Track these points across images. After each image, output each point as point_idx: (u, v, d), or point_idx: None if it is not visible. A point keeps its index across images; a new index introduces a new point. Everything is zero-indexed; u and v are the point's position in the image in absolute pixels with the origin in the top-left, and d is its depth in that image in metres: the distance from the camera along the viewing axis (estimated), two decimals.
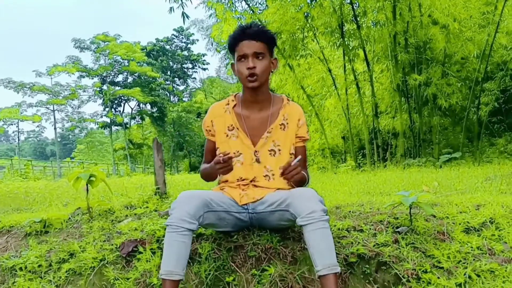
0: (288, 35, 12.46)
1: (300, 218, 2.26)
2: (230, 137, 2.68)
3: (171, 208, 2.38)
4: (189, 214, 2.31)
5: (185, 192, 2.46)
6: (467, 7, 10.74)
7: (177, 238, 2.29)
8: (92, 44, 40.78)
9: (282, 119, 2.68)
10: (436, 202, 3.23)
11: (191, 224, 2.31)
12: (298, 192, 2.40)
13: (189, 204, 2.35)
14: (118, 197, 4.13)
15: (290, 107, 2.72)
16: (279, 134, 2.67)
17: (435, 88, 11.19)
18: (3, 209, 5.28)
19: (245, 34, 2.57)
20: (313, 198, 2.31)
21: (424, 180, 5.64)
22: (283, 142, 2.67)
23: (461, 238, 2.68)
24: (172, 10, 11.72)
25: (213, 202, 2.47)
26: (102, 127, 43.97)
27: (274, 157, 2.66)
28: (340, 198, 3.67)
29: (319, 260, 2.20)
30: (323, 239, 2.22)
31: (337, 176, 8.45)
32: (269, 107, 2.70)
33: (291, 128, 2.69)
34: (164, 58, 48.53)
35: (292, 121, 2.69)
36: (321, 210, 2.26)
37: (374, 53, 12.32)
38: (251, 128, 2.67)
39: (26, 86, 37.82)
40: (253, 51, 2.54)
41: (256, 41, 2.56)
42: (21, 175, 18.44)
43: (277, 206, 2.45)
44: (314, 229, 2.23)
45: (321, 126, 13.89)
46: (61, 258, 2.89)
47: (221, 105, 2.76)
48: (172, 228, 2.30)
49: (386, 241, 2.66)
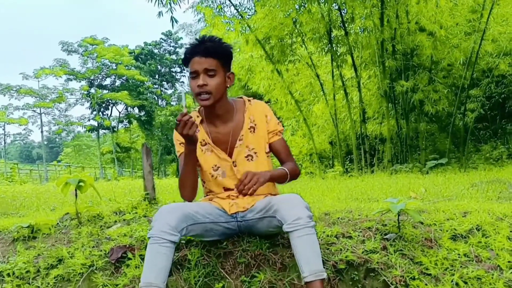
0: (277, 40, 12.50)
1: (286, 225, 2.27)
2: (204, 152, 2.68)
3: (152, 220, 2.37)
4: (170, 226, 2.30)
5: (166, 205, 2.46)
6: (454, 15, 10.86)
7: (158, 249, 2.27)
8: (79, 47, 40.50)
9: (250, 122, 2.66)
10: (424, 209, 3.27)
11: (173, 236, 2.30)
12: (284, 199, 2.40)
13: (170, 216, 2.34)
14: (106, 202, 4.12)
15: (253, 107, 2.69)
16: (251, 137, 2.66)
17: (422, 94, 11.28)
18: None
19: (196, 51, 2.51)
20: (299, 204, 2.32)
21: (411, 186, 5.68)
22: (257, 145, 2.67)
23: (449, 245, 2.71)
24: (161, 15, 11.67)
25: (198, 214, 2.47)
26: (89, 131, 43.65)
27: (252, 161, 2.66)
28: (328, 204, 3.70)
29: (305, 266, 2.21)
30: (309, 245, 2.23)
31: (325, 181, 8.48)
32: (233, 116, 2.67)
33: (261, 127, 2.67)
34: (152, 62, 48.38)
35: (259, 120, 2.68)
36: (307, 216, 2.26)
37: (361, 59, 12.39)
38: (222, 141, 2.66)
39: (12, 89, 37.43)
40: (204, 67, 2.47)
41: (206, 58, 2.48)
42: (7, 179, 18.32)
43: (264, 212, 2.46)
44: (300, 235, 2.23)
45: (309, 131, 13.92)
46: (50, 264, 2.87)
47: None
48: (154, 240, 2.29)
49: (374, 248, 2.68)
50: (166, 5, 11.28)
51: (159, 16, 11.68)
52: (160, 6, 11.32)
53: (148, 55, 48.57)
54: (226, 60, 2.56)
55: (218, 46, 2.53)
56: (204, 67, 2.47)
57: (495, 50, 11.53)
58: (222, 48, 2.55)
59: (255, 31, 12.27)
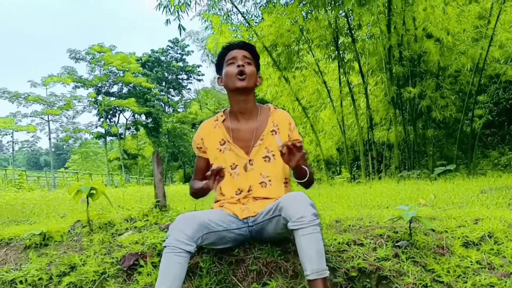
0: (284, 48, 12.55)
1: (290, 223, 2.27)
2: (223, 152, 2.74)
3: (169, 229, 2.39)
4: (186, 235, 2.32)
5: (183, 214, 2.48)
6: (461, 21, 10.86)
7: (173, 259, 2.28)
8: (87, 55, 40.69)
9: (273, 126, 2.75)
10: (435, 216, 3.26)
11: (188, 246, 2.31)
12: (289, 197, 2.40)
13: (187, 226, 2.35)
14: (117, 210, 4.14)
15: (278, 114, 2.81)
16: (271, 140, 2.72)
17: (429, 101, 11.27)
18: (0, 220, 5.27)
19: (234, 45, 2.78)
20: (303, 202, 2.31)
21: (420, 193, 5.67)
22: (276, 148, 2.67)
23: (461, 253, 2.70)
24: (168, 22, 11.74)
25: (212, 222, 2.48)
26: (96, 138, 43.78)
27: (269, 163, 2.70)
28: (339, 212, 3.69)
29: (308, 264, 2.20)
30: (313, 243, 2.22)
31: (333, 188, 8.47)
32: (256, 116, 2.77)
33: (283, 133, 2.75)
34: (159, 69, 48.54)
35: (282, 126, 2.76)
36: (312, 214, 2.26)
37: (368, 66, 12.41)
38: (242, 139, 2.72)
39: (21, 96, 37.62)
40: (242, 54, 2.72)
41: (244, 50, 2.76)
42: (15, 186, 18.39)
43: (272, 212, 2.46)
44: (305, 233, 2.23)
45: (316, 137, 13.93)
46: (62, 271, 2.88)
47: (210, 122, 2.85)
48: (169, 249, 2.30)
49: (386, 255, 2.68)
50: (174, 13, 11.35)
51: (167, 24, 11.76)
52: (168, 14, 11.40)
53: (155, 62, 48.74)
54: (257, 59, 2.82)
55: (253, 45, 2.86)
56: (242, 54, 2.73)
57: (503, 56, 11.51)
58: (255, 48, 2.84)
59: (262, 38, 12.32)
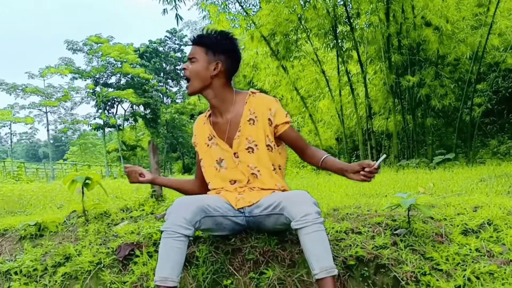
0: (282, 37, 12.46)
1: (294, 222, 2.24)
2: (210, 146, 2.70)
3: (166, 213, 2.35)
4: (185, 219, 2.28)
5: (181, 197, 2.44)
6: (460, 9, 10.76)
7: (173, 244, 2.25)
8: (84, 46, 40.52)
9: (249, 114, 2.62)
10: (434, 203, 3.23)
11: (187, 230, 2.28)
12: (291, 195, 2.37)
13: (185, 210, 2.31)
14: (113, 200, 4.11)
15: (256, 99, 2.64)
16: (250, 129, 2.61)
17: (428, 89, 11.19)
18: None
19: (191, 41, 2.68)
20: (306, 200, 2.28)
21: (419, 181, 5.64)
22: (256, 137, 2.61)
23: (460, 240, 2.67)
24: (165, 12, 11.66)
25: (210, 207, 2.44)
26: (95, 129, 43.74)
27: (253, 153, 2.62)
28: (337, 200, 3.66)
29: (315, 263, 2.17)
30: (319, 242, 2.20)
31: (332, 177, 8.42)
32: (230, 108, 2.65)
33: (261, 120, 2.61)
34: (157, 60, 48.38)
35: (260, 113, 2.61)
36: (315, 212, 2.23)
37: (367, 55, 12.34)
38: (223, 132, 2.66)
39: (18, 88, 37.59)
40: (189, 56, 2.62)
41: (193, 45, 2.63)
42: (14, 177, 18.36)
43: (272, 209, 2.42)
44: (309, 232, 2.20)
45: (315, 127, 13.88)
46: (57, 262, 2.86)
47: (201, 117, 2.80)
48: (168, 234, 2.27)
49: (384, 244, 2.65)
50: (170, 3, 11.28)
51: (164, 14, 11.67)
52: (165, 3, 11.32)
53: (153, 53, 48.56)
54: (212, 47, 2.59)
55: (205, 35, 2.62)
56: (189, 56, 2.62)
57: (502, 44, 11.41)
58: (208, 36, 2.61)
59: (260, 28, 12.24)
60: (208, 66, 2.57)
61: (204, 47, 2.58)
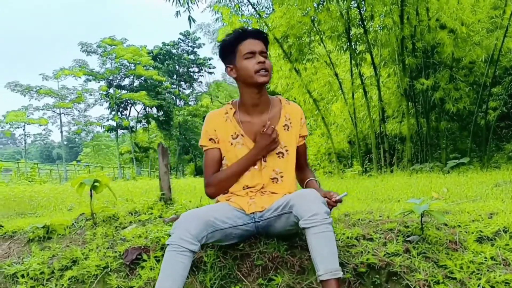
0: (295, 39, 12.41)
1: (302, 221, 2.19)
2: (235, 146, 2.63)
3: (173, 227, 2.32)
4: (190, 234, 2.24)
5: (188, 211, 2.40)
6: (475, 11, 10.65)
7: (176, 258, 2.21)
8: (98, 48, 40.72)
9: (285, 120, 2.66)
10: (448, 210, 3.16)
11: (192, 245, 2.24)
12: (300, 194, 2.33)
13: (191, 224, 2.28)
14: (122, 203, 4.08)
15: (291, 107, 2.71)
16: (284, 135, 2.64)
17: (443, 93, 11.08)
18: (7, 213, 5.24)
19: (248, 33, 2.59)
20: (316, 199, 2.24)
21: (433, 186, 5.56)
22: (289, 143, 2.65)
23: (474, 248, 2.59)
24: (178, 14, 11.67)
25: (218, 220, 2.40)
26: (108, 131, 43.90)
27: (282, 158, 2.63)
28: (348, 205, 3.59)
29: (321, 264, 2.13)
30: (326, 242, 2.15)
31: (344, 181, 8.38)
32: (268, 109, 2.67)
33: (295, 127, 2.68)
34: (171, 62, 48.47)
35: (294, 120, 2.68)
36: (324, 212, 2.19)
37: (381, 57, 12.25)
38: (255, 133, 2.62)
39: (32, 90, 37.81)
40: (260, 49, 2.55)
41: (259, 40, 2.58)
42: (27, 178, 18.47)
43: (282, 209, 2.39)
44: (317, 232, 2.16)
45: (327, 130, 13.80)
46: (64, 265, 2.83)
47: (220, 114, 2.71)
48: (172, 247, 2.23)
49: (396, 251, 2.58)
50: (183, 5, 11.28)
51: (177, 16, 11.69)
52: (178, 5, 11.33)
53: (166, 55, 48.66)
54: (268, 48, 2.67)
55: (265, 34, 2.66)
56: (260, 49, 2.55)
57: None
58: (267, 37, 2.66)
59: (273, 30, 12.20)
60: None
61: (267, 46, 2.63)
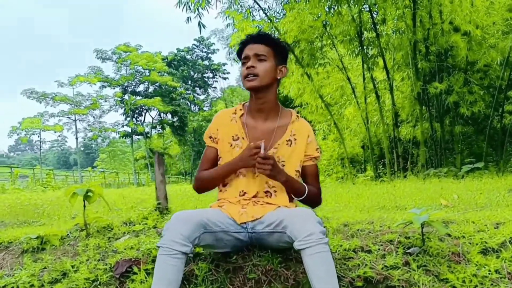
0: (306, 44, 12.30)
1: (297, 242, 2.09)
2: (234, 147, 2.55)
3: (164, 229, 2.22)
4: (182, 235, 2.14)
5: (179, 212, 2.30)
6: (490, 14, 10.47)
7: (169, 261, 2.11)
8: (113, 55, 41.05)
9: (290, 135, 2.56)
10: (452, 219, 3.02)
11: (184, 247, 2.14)
12: (294, 213, 2.22)
13: (183, 226, 2.18)
14: (118, 212, 4.00)
15: (299, 123, 2.61)
16: (285, 150, 2.54)
17: (457, 96, 10.89)
18: (11, 222, 5.18)
19: (250, 38, 2.55)
20: (310, 219, 2.13)
21: (444, 192, 5.42)
22: (288, 158, 2.54)
23: (478, 260, 2.46)
24: (189, 20, 11.66)
25: (210, 222, 2.31)
26: (123, 137, 44.18)
27: None
28: (349, 215, 3.46)
29: (318, 286, 2.02)
30: (322, 263, 2.04)
31: (355, 187, 8.24)
32: (276, 119, 2.58)
33: (299, 144, 2.56)
34: (185, 68, 48.68)
35: (300, 137, 2.57)
36: (320, 232, 2.08)
37: (394, 61, 12.09)
38: (255, 138, 2.52)
39: (48, 97, 38.16)
40: (254, 52, 2.49)
41: (259, 44, 2.52)
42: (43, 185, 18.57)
43: (274, 227, 2.29)
44: (313, 253, 2.05)
45: (339, 135, 13.66)
46: (54, 278, 2.74)
47: (228, 113, 2.65)
48: (164, 251, 2.14)
49: (395, 263, 2.46)
50: (194, 11, 11.26)
51: (188, 22, 11.70)
52: (188, 11, 11.31)
53: (180, 61, 48.88)
54: (279, 51, 2.57)
55: (271, 36, 2.59)
56: (254, 52, 2.50)
57: None
58: (275, 38, 2.59)
59: (284, 35, 12.12)
60: (276, 68, 2.54)
61: (273, 48, 2.54)
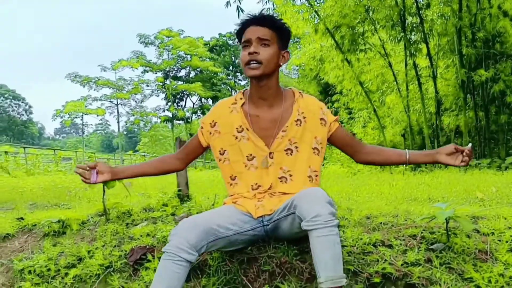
0: (347, 29, 12.07)
1: (304, 222, 1.97)
2: (240, 140, 2.42)
3: (170, 233, 2.14)
4: (188, 243, 2.05)
5: (188, 218, 2.21)
6: None
7: (171, 267, 2.03)
8: (156, 39, 41.45)
9: (297, 114, 2.41)
10: (483, 214, 2.84)
11: (189, 255, 2.05)
12: (304, 193, 2.09)
13: (190, 233, 2.09)
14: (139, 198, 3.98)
15: (305, 101, 2.45)
16: (295, 130, 2.40)
17: (504, 85, 10.46)
18: (42, 204, 5.26)
19: (252, 20, 2.34)
20: (320, 199, 2.00)
21: (481, 185, 5.19)
22: (300, 138, 2.40)
23: (506, 259, 2.28)
24: (228, 5, 11.53)
25: (221, 227, 2.20)
26: (164, 121, 44.66)
27: (291, 156, 2.40)
28: (374, 206, 3.31)
29: (322, 271, 1.90)
30: (328, 247, 1.92)
31: (392, 176, 8.04)
32: (280, 103, 2.42)
33: (310, 122, 2.42)
34: (227, 53, 48.70)
35: (310, 114, 2.42)
36: (329, 213, 1.95)
37: (439, 48, 11.71)
38: (262, 128, 2.40)
39: (91, 81, 38.95)
40: (257, 36, 2.29)
41: (262, 27, 2.31)
42: None
43: (287, 209, 2.17)
44: (319, 235, 1.92)
45: (379, 122, 13.38)
46: (70, 263, 2.74)
47: (227, 103, 2.50)
48: (168, 256, 2.05)
49: (417, 260, 2.32)
50: None
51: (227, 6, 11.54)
52: None
53: (222, 46, 48.91)
54: (282, 35, 2.38)
55: (276, 18, 2.37)
56: (257, 36, 2.30)
57: None
58: (279, 21, 2.37)
59: (324, 19, 11.91)
60: (279, 53, 2.36)
61: (277, 33, 2.35)
